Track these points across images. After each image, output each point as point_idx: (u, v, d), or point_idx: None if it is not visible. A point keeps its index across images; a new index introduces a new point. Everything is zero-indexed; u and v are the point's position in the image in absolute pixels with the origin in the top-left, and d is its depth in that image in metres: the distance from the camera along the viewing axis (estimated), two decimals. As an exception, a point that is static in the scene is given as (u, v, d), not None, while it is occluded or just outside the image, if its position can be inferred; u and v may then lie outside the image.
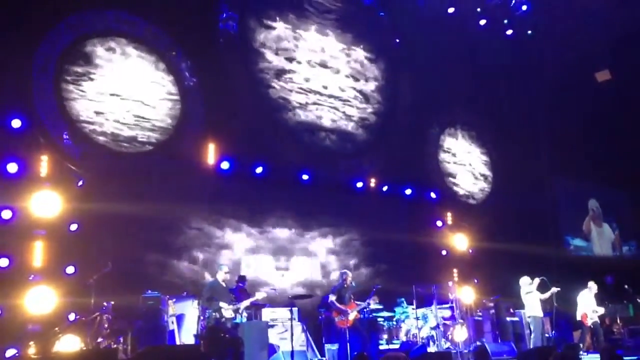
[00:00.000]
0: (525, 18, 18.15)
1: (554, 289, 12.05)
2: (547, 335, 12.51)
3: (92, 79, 11.16)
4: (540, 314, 12.14)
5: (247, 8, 13.60)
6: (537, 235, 16.30)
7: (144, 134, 11.68)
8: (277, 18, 14.22)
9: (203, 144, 12.28)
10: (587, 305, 12.95)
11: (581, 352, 11.70)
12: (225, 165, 12.43)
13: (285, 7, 14.41)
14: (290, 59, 14.26)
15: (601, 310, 13.03)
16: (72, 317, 9.43)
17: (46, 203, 9.51)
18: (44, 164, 9.84)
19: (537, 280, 12.16)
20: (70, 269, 9.74)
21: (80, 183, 10.24)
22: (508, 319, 13.34)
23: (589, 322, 12.86)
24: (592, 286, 13.16)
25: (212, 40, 12.97)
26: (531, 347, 11.81)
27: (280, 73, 14.02)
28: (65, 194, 9.74)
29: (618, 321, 14.77)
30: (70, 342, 8.77)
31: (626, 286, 14.10)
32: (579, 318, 13.01)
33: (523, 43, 18.54)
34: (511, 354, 11.45)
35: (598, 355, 9.72)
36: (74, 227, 9.98)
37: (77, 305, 9.43)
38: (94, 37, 11.31)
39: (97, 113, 11.14)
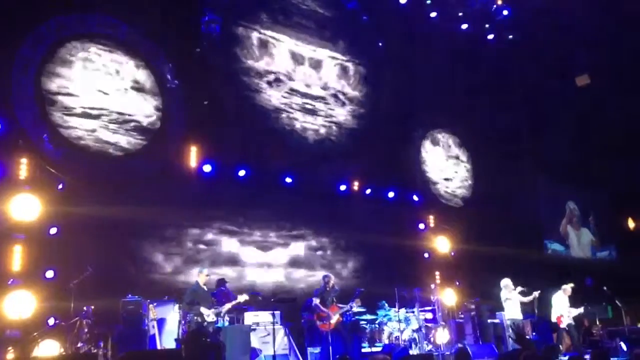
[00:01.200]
0: (506, 23, 18.36)
1: (536, 294, 12.13)
2: (527, 337, 12.59)
3: (73, 82, 11.07)
4: (520, 316, 12.25)
5: (229, 11, 13.57)
6: (518, 237, 16.42)
7: (125, 137, 11.60)
8: (261, 21, 14.21)
9: (185, 147, 12.24)
10: (562, 307, 13.05)
11: (560, 354, 11.82)
12: (207, 168, 12.39)
13: (268, 10, 14.40)
14: (273, 63, 14.26)
15: (575, 312, 13.11)
16: (51, 321, 9.37)
17: (25, 206, 9.46)
18: (23, 167, 9.80)
19: (519, 289, 12.27)
20: (49, 273, 9.69)
21: (61, 186, 10.17)
22: (489, 321, 13.43)
23: (563, 324, 12.95)
24: (567, 288, 13.23)
25: (195, 43, 12.92)
26: (511, 349, 11.91)
27: (262, 76, 14.00)
28: (45, 197, 9.68)
29: (597, 323, 14.92)
30: (49, 347, 8.74)
31: (605, 288, 14.24)
32: (554, 320, 13.11)
33: (504, 47, 18.72)
34: (492, 355, 11.53)
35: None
36: (53, 230, 9.92)
37: (56, 309, 9.36)
38: (76, 40, 11.22)
39: (78, 116, 11.06)
